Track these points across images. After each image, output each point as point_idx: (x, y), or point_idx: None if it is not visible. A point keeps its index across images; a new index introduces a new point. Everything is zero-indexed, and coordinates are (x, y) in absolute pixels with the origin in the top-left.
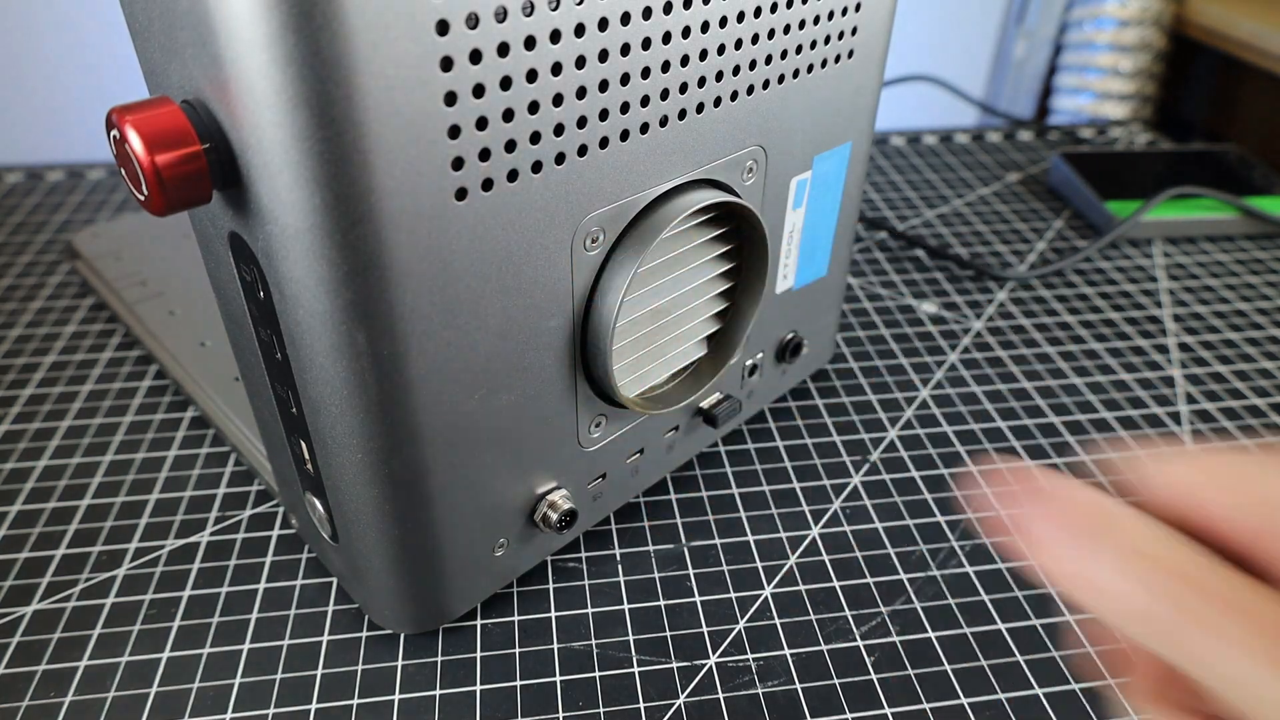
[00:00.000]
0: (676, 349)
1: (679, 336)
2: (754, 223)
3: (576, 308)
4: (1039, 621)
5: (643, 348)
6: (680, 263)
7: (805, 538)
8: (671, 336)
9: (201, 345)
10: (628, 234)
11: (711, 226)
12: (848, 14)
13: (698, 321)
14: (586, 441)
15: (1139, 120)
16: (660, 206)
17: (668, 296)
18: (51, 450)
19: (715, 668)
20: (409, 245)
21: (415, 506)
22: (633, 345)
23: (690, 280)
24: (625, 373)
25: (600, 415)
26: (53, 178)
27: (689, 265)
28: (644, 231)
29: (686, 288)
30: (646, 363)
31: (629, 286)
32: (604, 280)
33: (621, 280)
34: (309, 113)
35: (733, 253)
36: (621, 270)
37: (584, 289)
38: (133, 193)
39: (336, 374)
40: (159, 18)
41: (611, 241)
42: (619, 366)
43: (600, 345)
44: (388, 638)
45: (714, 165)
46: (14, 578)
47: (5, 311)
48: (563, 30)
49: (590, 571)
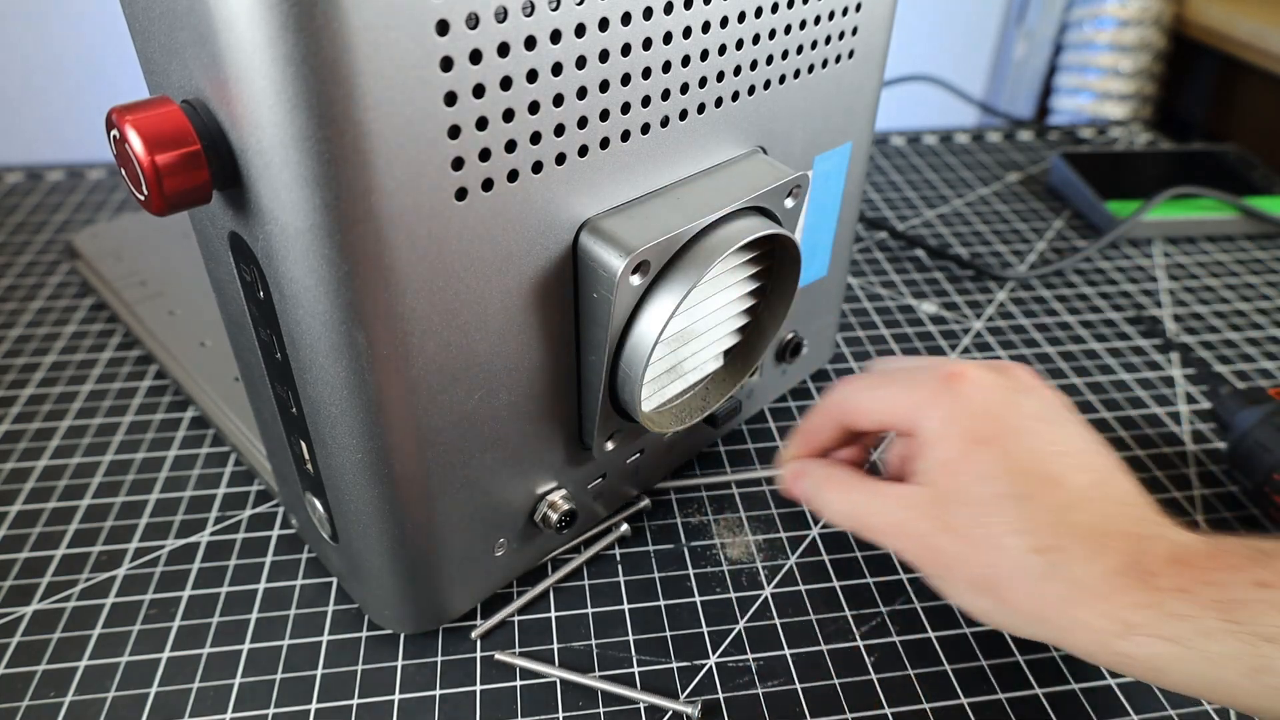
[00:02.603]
0: (696, 366)
1: (700, 354)
2: (791, 250)
3: (612, 336)
4: None
5: (665, 367)
6: (714, 287)
7: (805, 538)
8: (694, 355)
9: (201, 345)
10: (673, 264)
11: (748, 250)
12: (848, 14)
13: (720, 337)
14: (600, 454)
15: (1139, 120)
16: (705, 238)
17: (698, 319)
18: (51, 450)
19: (715, 668)
20: (409, 245)
21: (415, 506)
22: (656, 365)
23: (720, 300)
24: (646, 390)
25: (616, 430)
26: (53, 178)
27: (722, 289)
28: (689, 264)
29: (716, 309)
30: (666, 380)
31: (672, 313)
32: (645, 309)
33: (665, 309)
34: (309, 113)
35: (761, 271)
36: (665, 300)
37: (622, 318)
38: (133, 193)
39: (336, 374)
40: (159, 18)
41: (656, 272)
42: (644, 386)
43: (632, 373)
44: (388, 638)
45: (759, 194)
46: (14, 578)
47: (5, 311)
48: (563, 30)
49: (590, 571)
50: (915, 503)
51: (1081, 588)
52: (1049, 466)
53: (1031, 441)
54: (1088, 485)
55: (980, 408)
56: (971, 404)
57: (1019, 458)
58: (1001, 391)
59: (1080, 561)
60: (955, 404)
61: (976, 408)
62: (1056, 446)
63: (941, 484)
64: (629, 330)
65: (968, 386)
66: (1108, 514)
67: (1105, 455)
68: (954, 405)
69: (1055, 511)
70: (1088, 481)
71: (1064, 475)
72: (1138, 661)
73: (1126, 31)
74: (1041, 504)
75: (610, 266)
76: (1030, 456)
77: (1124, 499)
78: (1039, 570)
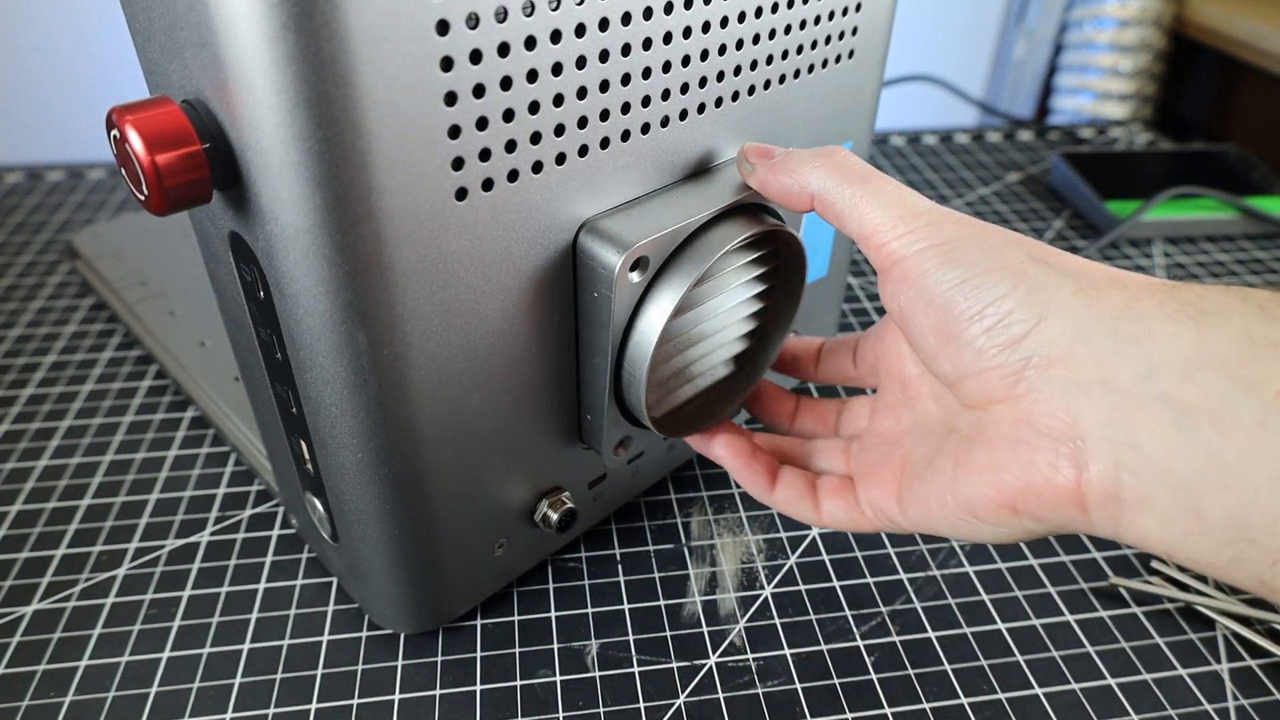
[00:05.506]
0: (704, 371)
1: (708, 358)
2: (795, 248)
3: (614, 336)
4: (1039, 621)
5: (672, 371)
6: (718, 288)
7: (805, 538)
8: (701, 359)
9: (201, 345)
10: (673, 261)
11: (751, 250)
12: (848, 14)
13: (728, 343)
14: (610, 462)
15: (1139, 120)
16: (706, 233)
17: (703, 321)
18: (51, 450)
19: (715, 668)
20: (409, 245)
21: (415, 506)
22: (663, 369)
23: (725, 303)
24: (653, 394)
25: (626, 436)
26: (53, 178)
27: (725, 289)
28: (689, 259)
29: (721, 311)
30: (675, 385)
31: (673, 311)
32: (646, 307)
33: (666, 307)
34: (309, 113)
35: (767, 274)
36: (665, 297)
37: (623, 317)
38: (133, 193)
39: (336, 374)
40: (159, 18)
41: (656, 268)
42: (650, 389)
43: (636, 374)
44: (388, 638)
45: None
46: (14, 578)
47: (5, 311)
48: (563, 30)
49: (590, 571)
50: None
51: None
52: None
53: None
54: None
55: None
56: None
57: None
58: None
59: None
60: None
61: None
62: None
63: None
64: (630, 330)
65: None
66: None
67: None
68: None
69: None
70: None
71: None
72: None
73: (1126, 31)
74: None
75: (608, 263)
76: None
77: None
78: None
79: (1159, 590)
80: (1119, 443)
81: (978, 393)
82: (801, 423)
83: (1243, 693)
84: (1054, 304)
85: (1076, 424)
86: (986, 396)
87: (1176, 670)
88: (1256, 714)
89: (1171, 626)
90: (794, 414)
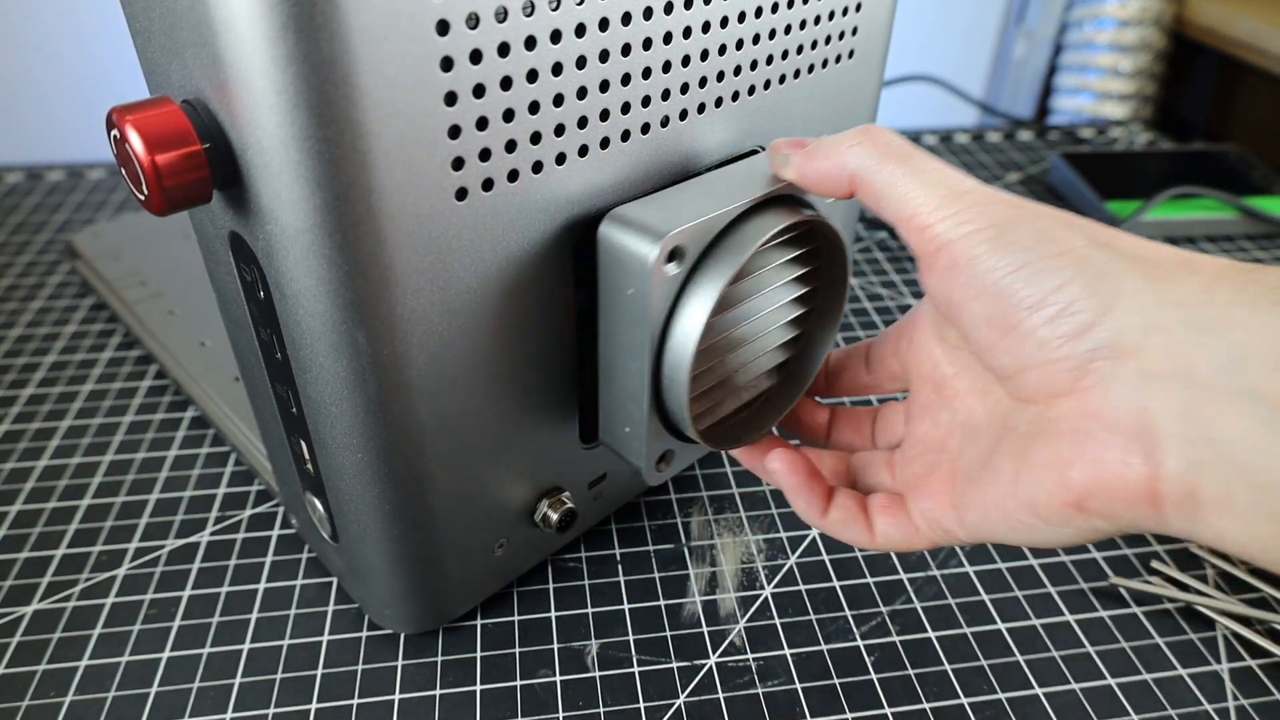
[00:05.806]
0: (747, 380)
1: (750, 366)
2: (836, 244)
3: (653, 336)
4: (1039, 621)
5: (716, 379)
6: (757, 285)
7: (805, 538)
8: (744, 366)
9: (201, 345)
10: (709, 254)
11: (790, 247)
12: (848, 14)
13: (770, 350)
14: (652, 479)
15: (1139, 120)
16: (742, 225)
17: (744, 322)
18: (51, 450)
19: (715, 668)
20: (409, 245)
21: (415, 506)
22: (706, 376)
23: (766, 304)
24: (696, 405)
25: (669, 450)
26: (53, 178)
27: (765, 288)
28: (727, 251)
29: (762, 312)
30: (718, 395)
31: (714, 307)
32: (684, 303)
33: (706, 302)
34: (309, 113)
35: (808, 275)
36: (705, 291)
37: (660, 314)
38: (133, 193)
39: (336, 374)
40: (159, 18)
41: (694, 259)
42: (692, 399)
43: (678, 376)
44: (388, 638)
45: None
46: (14, 578)
47: (5, 311)
48: (563, 30)
49: (590, 571)
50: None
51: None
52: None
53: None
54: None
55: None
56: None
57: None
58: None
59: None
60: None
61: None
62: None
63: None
64: (668, 330)
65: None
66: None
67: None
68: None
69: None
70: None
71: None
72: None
73: (1126, 31)
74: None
75: (641, 254)
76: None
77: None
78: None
79: (1159, 590)
80: (1197, 439)
81: (1038, 386)
82: (838, 434)
83: (1243, 693)
84: (1121, 291)
85: (1149, 418)
86: (1049, 390)
87: (1176, 670)
88: (1256, 714)
89: (1171, 626)
90: (829, 426)
